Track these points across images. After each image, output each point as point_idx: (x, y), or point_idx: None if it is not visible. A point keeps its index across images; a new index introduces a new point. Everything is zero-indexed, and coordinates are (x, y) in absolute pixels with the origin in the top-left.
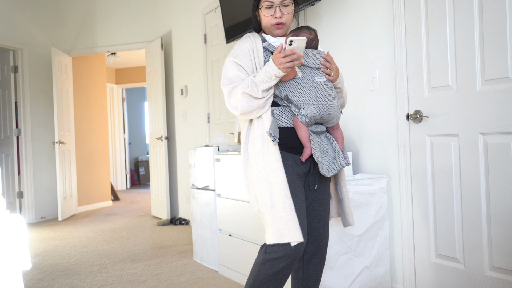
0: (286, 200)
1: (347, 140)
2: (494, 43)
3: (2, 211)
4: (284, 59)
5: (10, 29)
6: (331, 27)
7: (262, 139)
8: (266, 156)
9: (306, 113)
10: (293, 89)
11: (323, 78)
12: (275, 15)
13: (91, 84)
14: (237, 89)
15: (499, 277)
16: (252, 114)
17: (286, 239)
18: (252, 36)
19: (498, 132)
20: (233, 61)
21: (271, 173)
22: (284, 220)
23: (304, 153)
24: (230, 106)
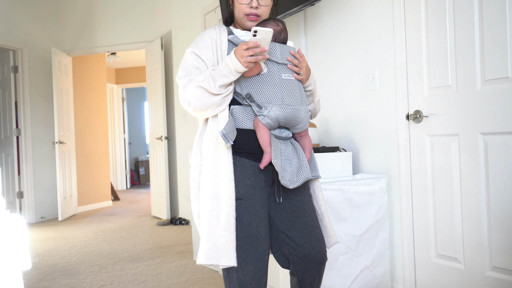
0: (230, 218)
1: (347, 140)
2: (494, 43)
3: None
4: (246, 52)
5: (10, 29)
6: (331, 27)
7: (215, 142)
8: (218, 164)
9: (268, 114)
10: (256, 86)
11: (291, 76)
12: (252, 4)
13: (91, 84)
14: (193, 82)
15: (499, 277)
16: (207, 112)
17: (222, 261)
18: (217, 27)
19: (498, 132)
20: (193, 52)
21: (220, 184)
22: (223, 239)
23: (263, 159)
24: (184, 100)
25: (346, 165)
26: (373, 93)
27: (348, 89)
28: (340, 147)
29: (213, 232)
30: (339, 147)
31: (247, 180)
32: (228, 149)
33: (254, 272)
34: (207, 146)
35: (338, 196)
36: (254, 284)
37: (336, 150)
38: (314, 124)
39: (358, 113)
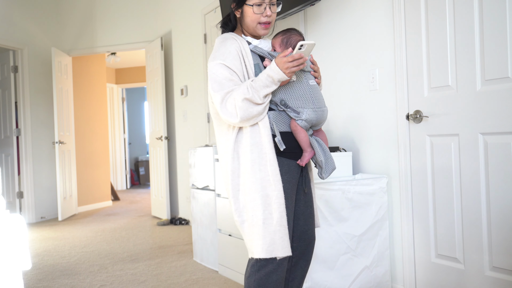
0: (283, 215)
1: (347, 140)
2: (494, 43)
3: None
4: (292, 64)
5: (10, 29)
6: (331, 27)
7: (258, 147)
8: (263, 167)
9: (306, 117)
10: (289, 93)
11: (314, 82)
12: (266, 13)
13: (91, 84)
14: (235, 94)
15: (499, 277)
16: (251, 121)
17: (279, 253)
18: (236, 38)
19: (498, 132)
20: (223, 64)
21: (269, 186)
22: (279, 234)
23: (304, 158)
24: (226, 113)
25: (346, 165)
26: (373, 93)
27: (348, 89)
28: (340, 147)
29: (269, 228)
30: (339, 147)
31: (285, 176)
32: (274, 153)
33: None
34: (250, 150)
35: (338, 196)
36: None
37: (336, 150)
38: None
39: (358, 113)
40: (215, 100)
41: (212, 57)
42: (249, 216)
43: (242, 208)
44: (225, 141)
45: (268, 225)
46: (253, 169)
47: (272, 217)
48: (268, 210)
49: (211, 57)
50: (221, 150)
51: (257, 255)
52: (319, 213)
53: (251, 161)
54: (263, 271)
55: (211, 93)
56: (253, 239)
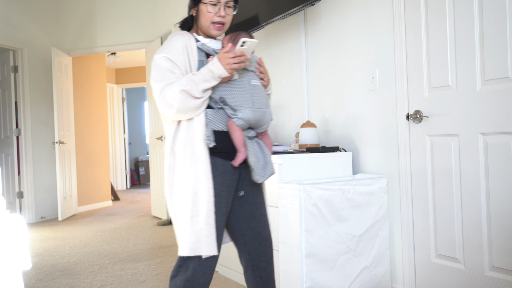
0: (210, 213)
1: (347, 140)
2: (494, 43)
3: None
4: (233, 60)
5: (10, 29)
6: (331, 27)
7: (192, 143)
8: (195, 164)
9: (242, 116)
10: (229, 91)
11: (258, 82)
12: (220, 13)
13: (91, 84)
14: (174, 86)
15: (499, 277)
16: (187, 114)
17: (204, 251)
18: (185, 34)
19: (498, 132)
20: (166, 57)
21: (199, 183)
22: (205, 232)
23: (238, 158)
24: (163, 103)
25: (346, 165)
26: (373, 93)
27: (348, 89)
28: (340, 147)
29: (195, 226)
30: (339, 147)
31: (219, 178)
32: (206, 150)
33: (211, 263)
34: (183, 146)
35: (338, 196)
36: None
37: (336, 150)
38: (314, 124)
39: (358, 113)
40: (155, 90)
41: (158, 50)
42: (180, 213)
43: (176, 205)
44: (166, 136)
45: (195, 222)
46: (185, 165)
47: (199, 214)
48: (196, 208)
49: (158, 51)
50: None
51: (181, 253)
52: (319, 212)
53: (183, 157)
54: (190, 273)
55: (152, 84)
56: (181, 237)
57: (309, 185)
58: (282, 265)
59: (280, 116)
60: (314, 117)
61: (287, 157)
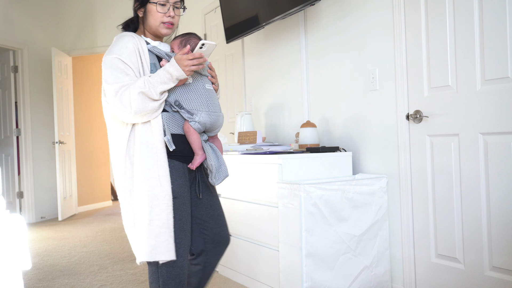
0: (170, 217)
1: (347, 140)
2: (494, 43)
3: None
4: (191, 62)
5: (10, 29)
6: (331, 27)
7: (148, 147)
8: (153, 167)
9: (199, 120)
10: (185, 95)
11: (211, 87)
12: (169, 13)
13: (91, 84)
14: (131, 87)
15: (499, 277)
16: (145, 116)
17: (163, 256)
18: (134, 36)
19: (498, 132)
20: (119, 59)
21: (158, 186)
22: (164, 236)
23: (196, 161)
24: (119, 105)
25: (346, 165)
26: (373, 93)
27: (348, 89)
28: (340, 147)
29: (154, 230)
30: (339, 147)
31: (179, 180)
32: (165, 153)
33: (183, 263)
34: (140, 149)
35: (338, 196)
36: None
37: (336, 150)
38: (314, 124)
39: (358, 113)
40: (108, 92)
41: (107, 52)
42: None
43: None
44: (117, 139)
45: (154, 226)
46: (142, 169)
47: (158, 218)
48: (155, 212)
49: (107, 52)
50: (113, 150)
51: (140, 259)
52: (319, 212)
53: (140, 160)
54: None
55: (104, 86)
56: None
57: (309, 185)
58: (282, 265)
59: (280, 116)
60: (314, 117)
61: (287, 157)
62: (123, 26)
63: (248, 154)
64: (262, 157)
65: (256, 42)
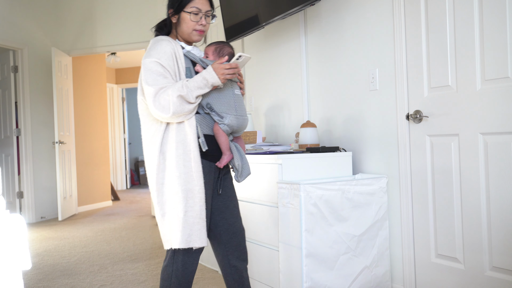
0: (203, 208)
1: (347, 140)
2: (494, 43)
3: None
4: (228, 71)
5: (10, 29)
6: (331, 27)
7: (183, 145)
8: (187, 163)
9: (228, 122)
10: (216, 99)
11: (239, 92)
12: (201, 22)
13: (91, 84)
14: (170, 90)
15: (499, 277)
16: (180, 118)
17: (197, 243)
18: (171, 40)
19: (498, 132)
20: (157, 62)
21: (191, 181)
22: (198, 226)
23: (223, 160)
24: (158, 106)
25: (346, 165)
26: (373, 93)
27: (348, 89)
28: (340, 147)
29: (189, 220)
30: (339, 147)
31: (205, 176)
32: (198, 151)
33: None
34: (175, 147)
35: (338, 196)
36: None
37: (336, 150)
38: (314, 124)
39: (358, 113)
40: (148, 93)
41: (146, 54)
42: (171, 209)
43: (165, 201)
44: (152, 137)
45: (189, 217)
46: (178, 164)
47: (193, 209)
48: (190, 203)
49: (146, 55)
50: (147, 145)
51: (176, 245)
52: (319, 212)
53: (176, 157)
54: (180, 263)
55: (144, 87)
56: (173, 231)
57: (309, 185)
58: (282, 265)
59: (280, 116)
60: (314, 117)
61: (287, 157)
62: (156, 29)
63: (248, 154)
64: (262, 157)
65: (256, 42)
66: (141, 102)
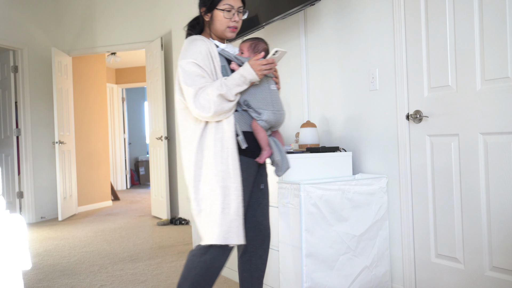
0: (240, 206)
1: (347, 140)
2: (494, 43)
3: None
4: (265, 67)
5: (10, 29)
6: (331, 27)
7: (221, 142)
8: (225, 160)
9: (266, 118)
10: (252, 95)
11: (275, 87)
12: (234, 18)
13: (91, 84)
14: (209, 90)
15: (499, 277)
16: (221, 116)
17: (234, 240)
18: (205, 39)
19: (498, 132)
20: (194, 63)
21: (229, 178)
22: (235, 223)
23: (263, 156)
24: (198, 106)
25: (346, 165)
26: (373, 93)
27: (348, 89)
28: (340, 147)
29: (226, 217)
30: (339, 147)
31: (243, 174)
32: (236, 148)
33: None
34: (213, 144)
35: (338, 196)
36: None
37: (336, 150)
38: (314, 124)
39: (358, 113)
40: (188, 94)
41: (182, 55)
42: (207, 205)
43: (201, 197)
44: (191, 134)
45: (226, 214)
46: (215, 162)
47: (230, 207)
48: (227, 201)
49: (182, 55)
50: (185, 143)
51: (213, 242)
52: (319, 212)
53: (213, 154)
54: (209, 256)
55: (183, 87)
56: (210, 227)
57: (309, 185)
58: (282, 265)
59: None
60: (314, 117)
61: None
62: (189, 28)
63: None
64: None
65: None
66: (178, 102)
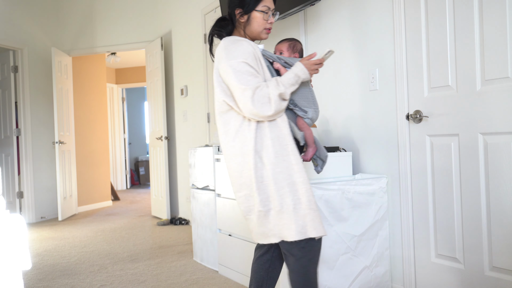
0: (311, 198)
1: (347, 140)
2: (494, 43)
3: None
4: (317, 66)
5: (10, 29)
6: (331, 27)
7: (279, 140)
8: (287, 157)
9: (311, 116)
10: (297, 94)
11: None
12: (270, 20)
13: (91, 84)
14: (267, 89)
15: (499, 277)
16: (278, 114)
17: (312, 233)
18: (249, 41)
19: (498, 132)
20: (245, 63)
21: (294, 173)
22: (310, 216)
23: (308, 153)
24: (257, 105)
25: (346, 165)
26: (373, 93)
27: (348, 89)
28: (340, 147)
29: (299, 212)
30: (339, 147)
31: None
32: (293, 144)
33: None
34: (272, 144)
35: (338, 196)
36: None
37: (336, 150)
38: (314, 124)
39: (358, 113)
40: (244, 93)
41: (230, 56)
42: (277, 204)
43: (267, 197)
44: (241, 137)
45: (298, 209)
46: (277, 160)
47: (300, 202)
48: (297, 196)
49: (229, 56)
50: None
51: (291, 238)
52: (319, 213)
53: (274, 153)
54: (312, 252)
55: (237, 87)
56: (284, 225)
57: None
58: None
59: None
60: None
61: None
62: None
63: None
64: None
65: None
66: (222, 104)
